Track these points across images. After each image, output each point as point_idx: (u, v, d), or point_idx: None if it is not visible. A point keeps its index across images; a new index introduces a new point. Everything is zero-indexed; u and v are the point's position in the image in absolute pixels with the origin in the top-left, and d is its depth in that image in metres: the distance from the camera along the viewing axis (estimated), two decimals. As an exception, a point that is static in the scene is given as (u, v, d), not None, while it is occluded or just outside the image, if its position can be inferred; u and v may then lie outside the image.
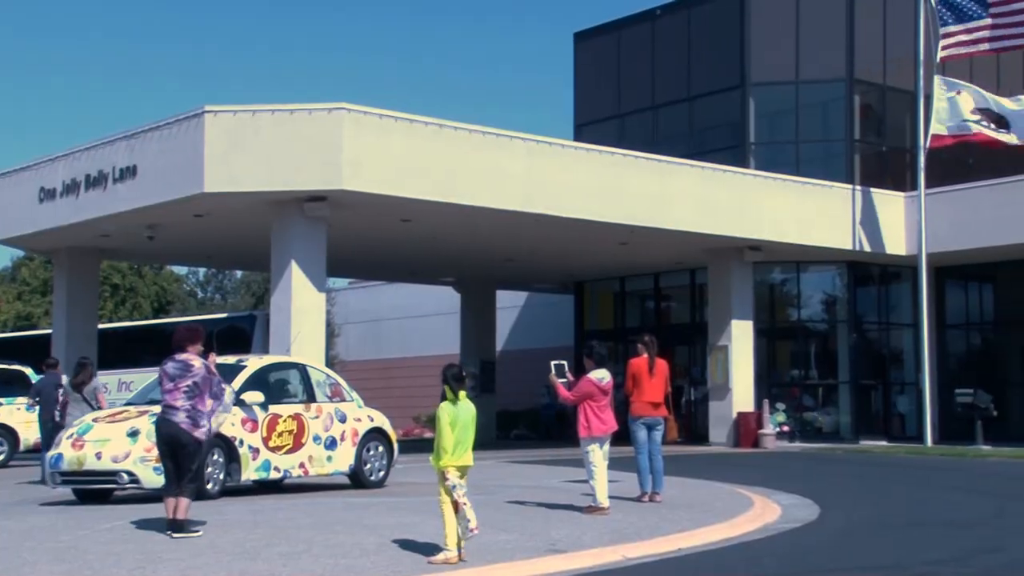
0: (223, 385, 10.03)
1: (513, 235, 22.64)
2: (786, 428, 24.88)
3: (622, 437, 12.42)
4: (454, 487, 8.32)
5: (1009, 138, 23.78)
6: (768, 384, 25.76)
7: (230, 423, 12.68)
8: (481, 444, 10.78)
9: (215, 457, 12.63)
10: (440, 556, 8.29)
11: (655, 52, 28.09)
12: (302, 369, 14.50)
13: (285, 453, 13.50)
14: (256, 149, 18.07)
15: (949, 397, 24.77)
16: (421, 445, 28.76)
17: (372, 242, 23.23)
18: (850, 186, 25.12)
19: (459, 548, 8.31)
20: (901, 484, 15.19)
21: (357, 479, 14.37)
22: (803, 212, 24.18)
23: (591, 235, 22.53)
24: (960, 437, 23.80)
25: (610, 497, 11.33)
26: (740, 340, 24.72)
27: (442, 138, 19.12)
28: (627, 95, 28.68)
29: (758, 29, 26.04)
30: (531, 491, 13.41)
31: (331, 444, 14.05)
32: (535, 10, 78.92)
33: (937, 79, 24.08)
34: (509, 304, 34.21)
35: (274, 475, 13.54)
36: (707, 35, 27.08)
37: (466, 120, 19.76)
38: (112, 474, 12.32)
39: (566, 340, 30.81)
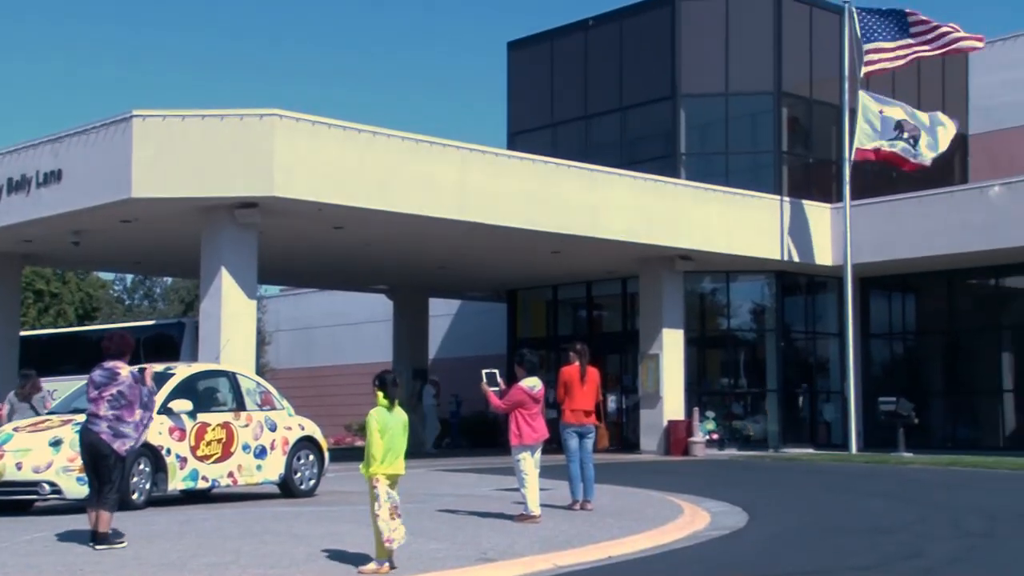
0: (154, 396, 9.86)
1: (446, 243, 22.62)
2: (715, 436, 25.17)
3: (554, 445, 12.47)
4: (386, 496, 8.28)
5: (923, 159, 24.36)
6: (698, 392, 26.05)
7: (156, 431, 12.46)
8: (413, 453, 10.76)
9: (141, 467, 12.42)
10: (370, 566, 8.24)
11: (588, 62, 28.30)
12: (232, 377, 14.32)
13: (214, 462, 13.31)
14: (186, 154, 17.83)
15: (873, 405, 25.27)
16: (352, 453, 28.52)
17: (304, 249, 23.04)
18: (778, 197, 25.54)
19: (390, 558, 8.27)
20: (826, 491, 15.45)
21: (287, 488, 14.22)
22: (733, 222, 24.52)
23: (524, 243, 22.59)
24: (883, 444, 24.29)
25: (542, 505, 11.36)
26: (671, 349, 24.97)
27: (375, 145, 19.04)
28: (560, 104, 28.85)
29: (689, 41, 26.36)
30: (462, 500, 13.39)
31: (261, 453, 13.89)
32: (469, 19, 79.09)
33: (862, 94, 24.60)
34: (442, 312, 34.17)
35: (202, 484, 13.34)
36: (639, 46, 27.35)
37: (399, 128, 19.74)
38: (33, 485, 12.04)
39: (499, 348, 30.84)
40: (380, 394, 8.46)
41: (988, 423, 26.56)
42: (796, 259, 25.48)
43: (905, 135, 24.29)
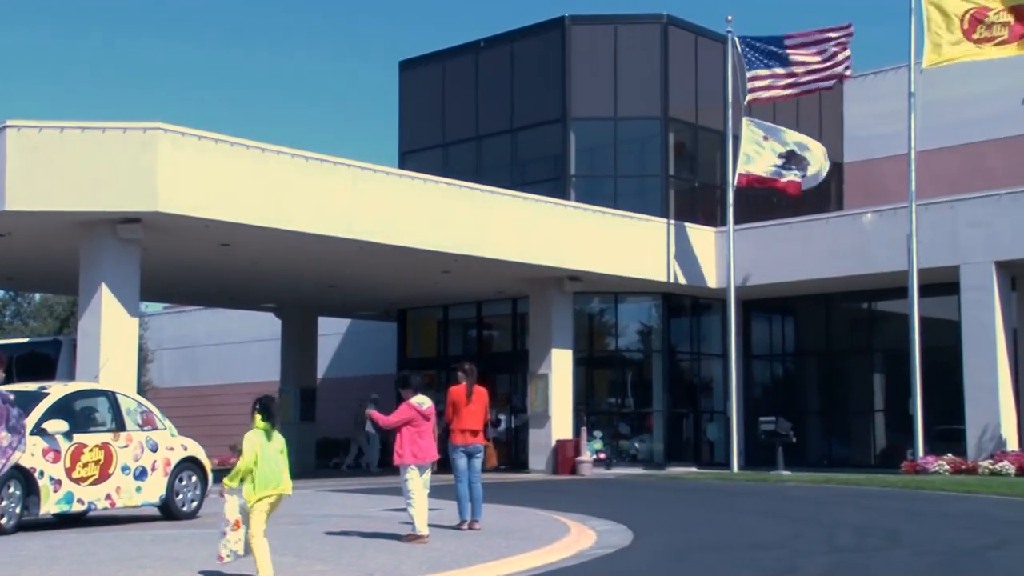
0: (23, 419, 9.51)
1: (336, 262, 22.45)
2: (603, 455, 25.47)
3: (442, 465, 12.48)
4: (239, 511, 8.21)
5: (809, 181, 25.14)
6: (586, 412, 26.34)
7: (29, 453, 12.04)
8: (301, 473, 10.67)
9: (11, 490, 11.98)
10: None
11: (479, 83, 28.51)
12: (111, 396, 13.93)
13: (90, 484, 12.91)
14: (64, 167, 17.32)
15: (754, 425, 25.94)
16: (237, 475, 27.99)
17: (189, 266, 22.57)
18: (665, 220, 26.09)
19: None
20: (709, 509, 15.79)
21: (168, 510, 13.88)
22: (621, 244, 24.94)
23: (414, 263, 22.57)
24: (764, 463, 24.95)
25: (430, 525, 11.34)
26: (559, 369, 25.21)
27: (264, 162, 18.82)
28: (452, 125, 28.97)
29: (579, 65, 26.81)
30: (350, 520, 13.28)
31: (141, 474, 13.54)
32: (361, 37, 78.81)
33: (745, 121, 25.34)
34: (331, 331, 33.86)
35: (77, 508, 12.93)
36: (530, 69, 27.68)
37: (290, 145, 19.55)
38: None
39: (388, 368, 30.69)
40: (259, 417, 8.37)
41: (860, 442, 27.53)
42: (682, 281, 26.04)
43: (792, 167, 25.03)
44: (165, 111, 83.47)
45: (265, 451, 8.29)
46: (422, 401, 11.30)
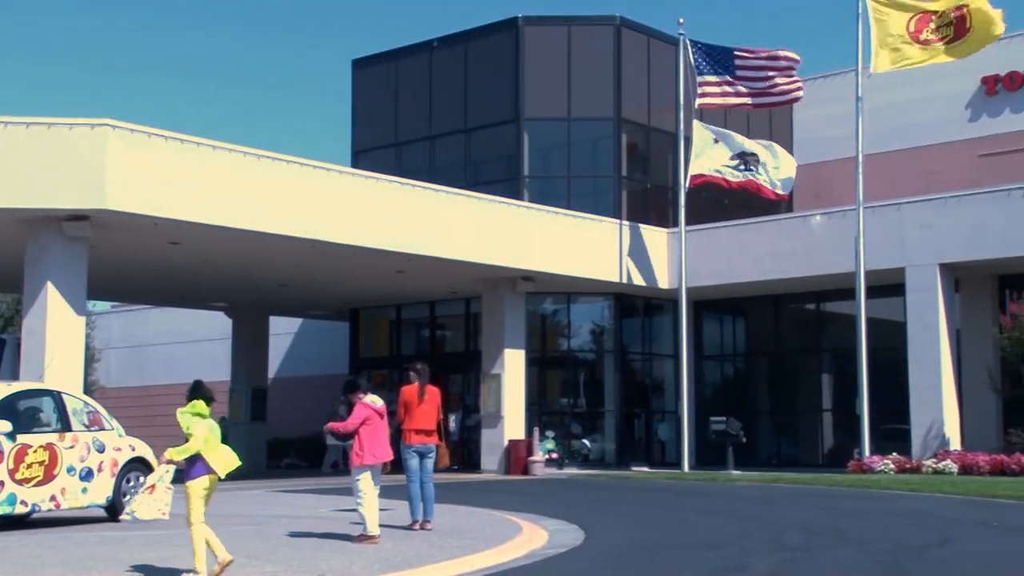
0: None
1: (288, 261, 22.30)
2: (555, 455, 25.54)
3: (394, 465, 12.44)
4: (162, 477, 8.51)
5: (760, 181, 25.36)
6: (539, 412, 26.41)
7: (-28, 455, 11.83)
8: (251, 473, 10.58)
9: (-48, 492, 11.75)
10: None
11: (433, 83, 28.46)
12: (56, 396, 13.72)
13: (34, 485, 12.71)
14: (8, 163, 17.04)
15: (705, 425, 26.15)
16: (186, 476, 27.71)
17: (138, 264, 22.30)
18: (617, 221, 26.22)
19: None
20: (660, 508, 15.90)
21: (115, 512, 13.69)
22: (574, 245, 25.03)
23: (367, 262, 22.49)
24: (714, 462, 25.17)
25: (381, 525, 11.31)
26: (512, 369, 25.25)
27: (215, 159, 18.64)
28: (405, 124, 28.90)
29: (532, 66, 26.86)
30: (301, 521, 13.20)
31: (87, 475, 13.35)
32: (314, 35, 78.29)
33: (696, 124, 25.53)
34: (283, 330, 33.63)
35: (20, 509, 12.71)
36: (483, 69, 27.69)
37: (243, 143, 19.40)
38: None
39: (341, 368, 30.55)
40: (202, 402, 8.49)
41: (809, 441, 27.89)
42: (634, 282, 26.19)
43: (745, 166, 25.24)
44: (115, 107, 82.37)
45: (214, 433, 8.41)
46: (374, 400, 11.29)
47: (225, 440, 8.91)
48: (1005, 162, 26.70)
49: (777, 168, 25.36)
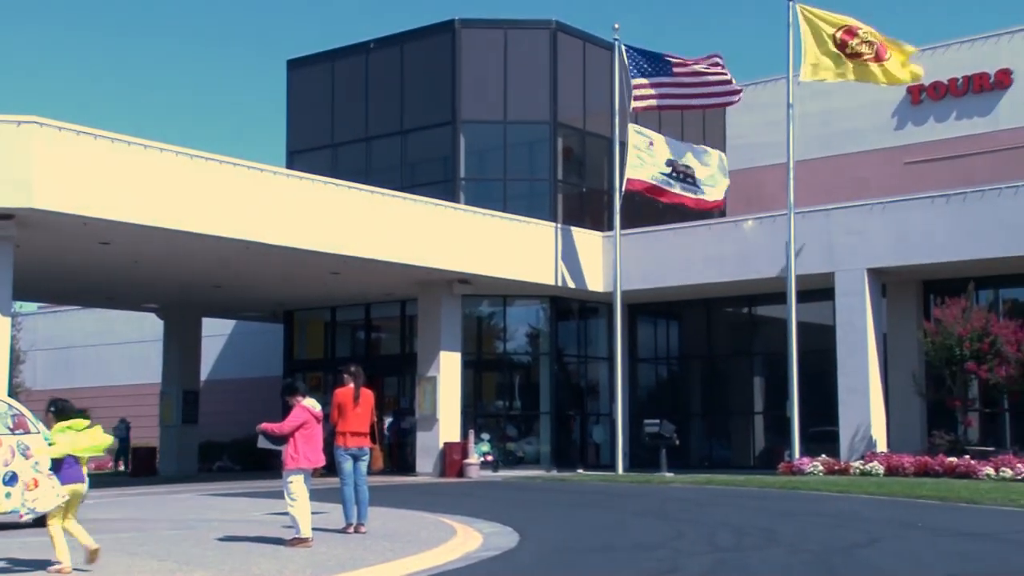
0: None
1: (221, 262, 22.04)
2: (490, 458, 25.57)
3: (328, 467, 12.37)
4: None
5: (695, 196, 25.61)
6: (474, 415, 26.42)
7: None
8: (183, 476, 10.45)
9: None
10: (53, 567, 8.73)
11: (369, 84, 28.34)
12: (-20, 400, 13.39)
13: (-44, 491, 12.38)
14: (-67, 160, 16.60)
15: (639, 427, 26.38)
16: (117, 479, 27.26)
17: (66, 264, 21.87)
18: (553, 224, 26.35)
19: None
20: (594, 510, 16.00)
21: (41, 517, 13.37)
22: (510, 247, 25.10)
23: (302, 264, 22.32)
24: (648, 465, 25.39)
25: (314, 529, 11.23)
26: (448, 371, 25.23)
27: (147, 159, 18.36)
28: (341, 125, 28.73)
29: (468, 68, 26.88)
30: (233, 525, 13.05)
31: (11, 479, 13.03)
32: (248, 34, 77.44)
33: (632, 128, 25.73)
34: (216, 332, 33.22)
35: (-59, 516, 12.39)
36: (420, 71, 27.64)
37: (173, 142, 19.14)
38: None
39: (275, 370, 30.29)
40: (69, 421, 8.80)
41: (741, 443, 28.28)
42: (570, 285, 26.33)
43: (679, 173, 25.50)
44: (43, 105, 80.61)
45: (78, 441, 8.68)
46: (313, 404, 11.22)
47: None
48: (930, 169, 27.37)
49: (712, 178, 25.65)
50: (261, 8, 75.65)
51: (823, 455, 22.44)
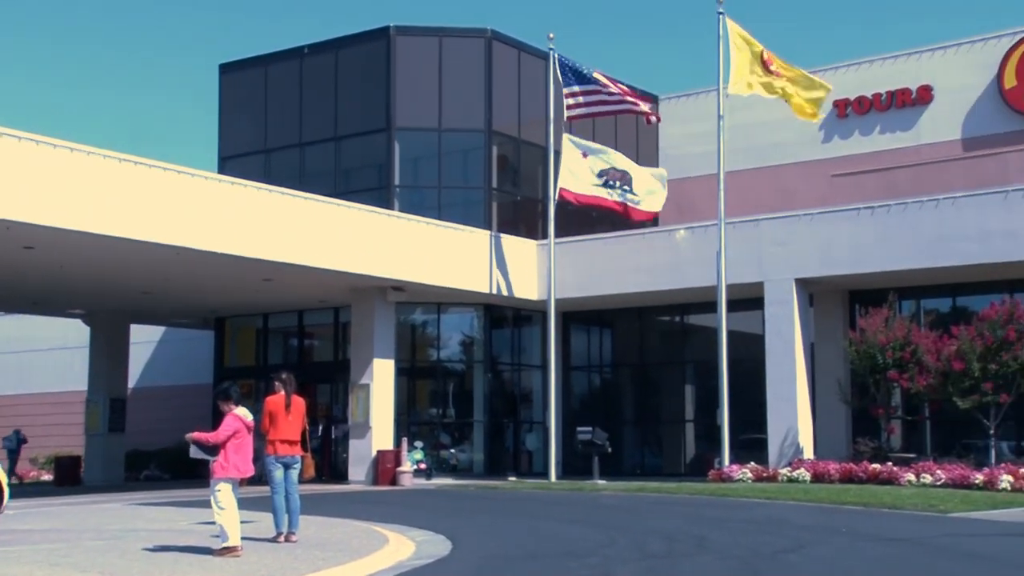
0: None
1: (151, 267, 21.71)
2: (423, 466, 25.50)
3: (258, 476, 12.26)
4: None
5: (628, 204, 25.77)
6: (407, 422, 26.34)
7: None
8: (108, 486, 10.25)
9: None
10: None
11: (303, 90, 28.16)
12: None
13: None
14: None
15: (572, 435, 26.51)
16: (41, 489, 26.64)
17: (-12, 269, 21.37)
18: (488, 232, 26.40)
19: None
20: (527, 518, 16.05)
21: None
22: (444, 255, 25.09)
23: (234, 270, 22.07)
24: (581, 472, 25.53)
25: (244, 538, 11.12)
26: (381, 379, 25.12)
27: (73, 162, 18.03)
28: (274, 131, 28.50)
29: (404, 76, 26.85)
30: (160, 534, 12.86)
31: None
32: (180, 38, 76.37)
33: (566, 137, 25.89)
34: (144, 339, 32.69)
35: None
36: (355, 77, 27.54)
37: (101, 145, 18.82)
38: None
39: (205, 377, 29.88)
40: None
41: (672, 451, 28.58)
42: (504, 293, 26.39)
43: (616, 183, 25.69)
44: (-36, 104, 78.50)
45: None
46: (245, 413, 11.10)
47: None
48: (855, 182, 27.97)
49: (650, 190, 25.86)
50: (193, 11, 74.72)
51: (752, 462, 22.77)
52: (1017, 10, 62.54)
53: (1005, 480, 18.99)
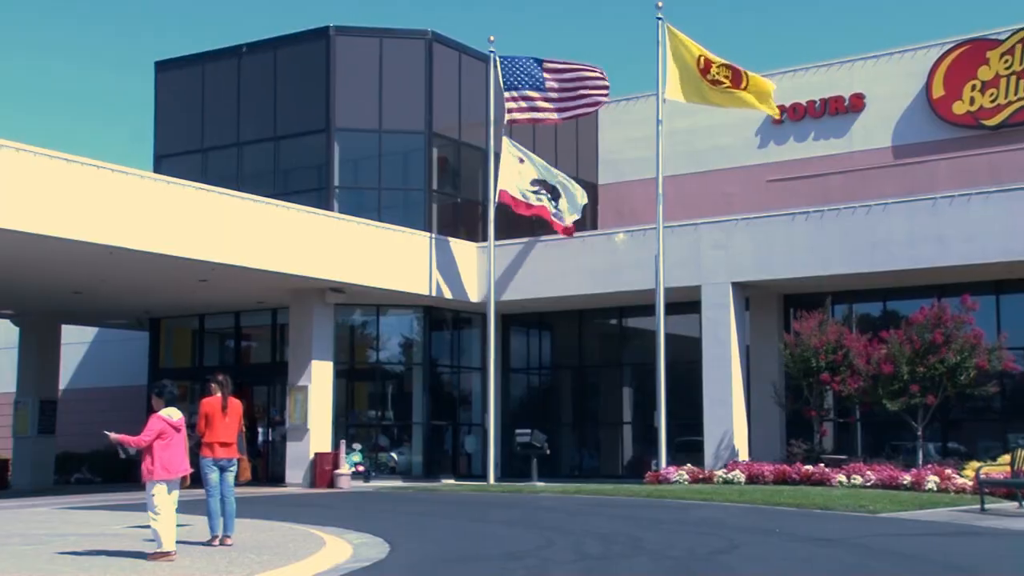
0: None
1: (83, 267, 21.34)
2: (361, 468, 25.39)
3: (194, 478, 12.12)
4: None
5: (563, 219, 25.77)
6: (346, 424, 26.19)
7: None
8: (37, 489, 10.00)
9: None
10: None
11: (241, 89, 27.87)
12: None
13: None
14: None
15: (511, 437, 26.57)
16: (-36, 494, 26.03)
17: (-86, 268, 20.84)
18: (428, 234, 26.35)
19: None
20: (465, 520, 16.06)
21: None
22: (384, 257, 25.00)
23: (169, 270, 21.78)
24: (520, 474, 25.60)
25: (179, 542, 10.99)
26: (319, 381, 24.95)
27: (4, 160, 17.66)
28: (211, 130, 28.16)
29: (343, 76, 26.69)
30: (91, 539, 12.65)
31: None
32: (115, 34, 75.12)
33: (505, 141, 25.94)
34: (76, 340, 32.09)
35: None
36: (294, 77, 27.32)
37: (35, 143, 18.46)
38: None
39: (139, 379, 29.42)
40: None
41: (610, 453, 28.76)
42: (444, 295, 26.37)
43: (546, 193, 25.77)
44: None
45: None
46: (171, 413, 10.96)
47: None
48: (791, 187, 28.40)
49: (572, 204, 25.90)
50: (128, 7, 73.53)
51: (689, 464, 23.00)
52: (946, 21, 64.09)
53: (931, 480, 19.42)
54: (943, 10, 65.46)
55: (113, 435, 10.90)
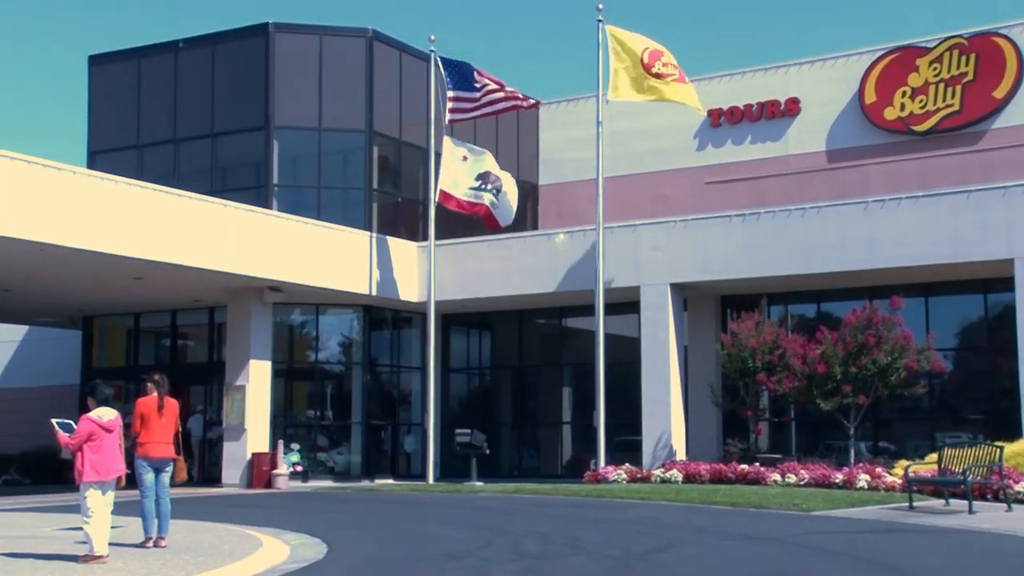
0: None
1: (13, 264, 20.91)
2: (300, 468, 25.21)
3: (129, 479, 11.94)
4: None
5: (499, 209, 25.81)
6: (284, 424, 25.98)
7: None
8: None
9: None
10: None
11: (178, 84, 27.48)
12: None
13: None
14: None
15: (450, 437, 26.56)
16: None
17: None
18: (368, 233, 26.23)
19: None
20: (404, 521, 16.03)
21: None
22: (323, 256, 24.84)
23: (102, 268, 21.43)
24: (459, 474, 25.59)
25: (111, 544, 10.83)
26: (257, 380, 24.73)
27: (-68, 153, 17.25)
28: (147, 126, 27.73)
29: (283, 73, 26.45)
30: (19, 541, 12.40)
31: None
32: (47, 28, 73.60)
33: (447, 140, 25.92)
34: (6, 338, 31.43)
35: None
36: (232, 73, 27.01)
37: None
38: None
39: (72, 379, 28.89)
40: None
41: (549, 452, 28.89)
42: (384, 294, 26.26)
43: (489, 187, 25.78)
44: None
45: None
46: (102, 414, 10.79)
47: None
48: (728, 190, 28.75)
49: (509, 202, 25.96)
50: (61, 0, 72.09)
51: (627, 464, 23.18)
52: (878, 28, 65.36)
53: (863, 479, 19.79)
54: (875, 17, 66.77)
55: (56, 425, 10.73)
